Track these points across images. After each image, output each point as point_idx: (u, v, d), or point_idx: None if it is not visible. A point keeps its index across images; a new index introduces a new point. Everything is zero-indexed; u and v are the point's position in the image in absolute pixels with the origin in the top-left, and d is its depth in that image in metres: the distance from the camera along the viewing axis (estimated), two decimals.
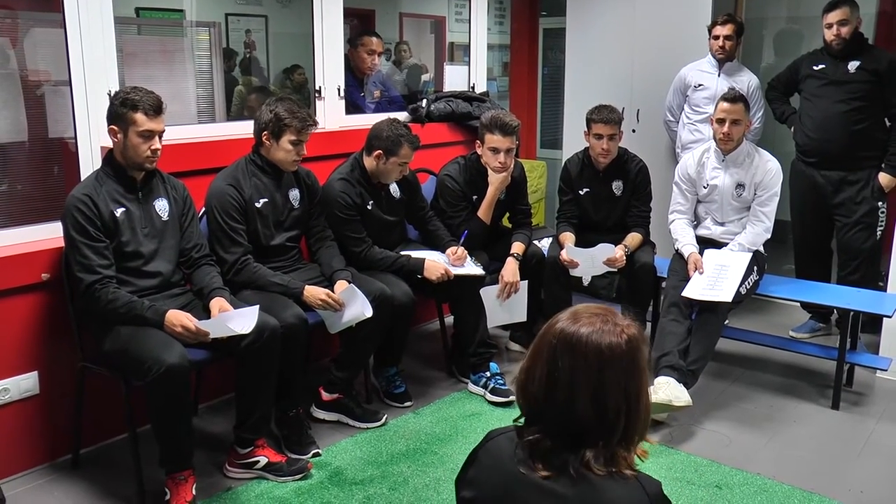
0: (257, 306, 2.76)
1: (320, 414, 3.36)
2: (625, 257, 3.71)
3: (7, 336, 2.85)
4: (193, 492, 2.72)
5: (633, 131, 4.75)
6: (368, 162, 3.44)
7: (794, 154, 4.25)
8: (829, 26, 3.94)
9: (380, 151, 3.40)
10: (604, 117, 3.77)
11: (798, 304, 4.39)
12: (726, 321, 4.33)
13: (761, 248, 3.70)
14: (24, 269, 2.84)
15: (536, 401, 1.45)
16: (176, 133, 3.35)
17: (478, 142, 3.75)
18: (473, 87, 4.74)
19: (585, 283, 4.11)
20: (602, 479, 1.39)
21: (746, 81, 4.29)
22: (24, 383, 2.91)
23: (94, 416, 3.03)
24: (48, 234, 2.97)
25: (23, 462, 2.94)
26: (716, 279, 3.47)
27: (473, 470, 1.53)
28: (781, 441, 3.26)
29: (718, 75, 4.30)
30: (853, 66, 3.93)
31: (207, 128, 3.66)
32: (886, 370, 3.66)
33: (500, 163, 3.67)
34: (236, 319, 2.70)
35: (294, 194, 3.28)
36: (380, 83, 4.82)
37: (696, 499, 2.82)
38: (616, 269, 3.83)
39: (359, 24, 6.86)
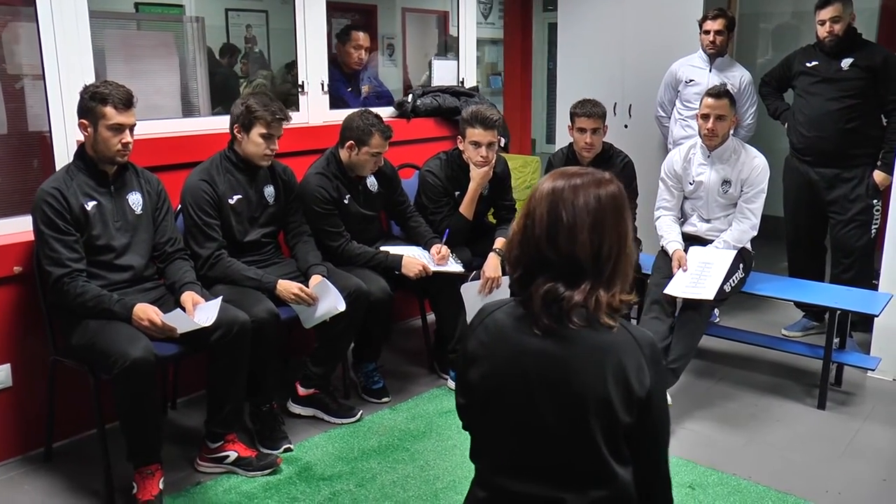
0: (220, 298, 2.75)
1: (296, 409, 3.35)
2: None
3: None
4: (161, 486, 2.71)
5: (626, 126, 4.70)
6: (343, 154, 3.43)
7: (788, 150, 4.19)
8: (822, 23, 3.88)
9: (352, 142, 3.38)
10: (587, 111, 3.72)
11: (792, 303, 4.32)
12: (715, 319, 4.31)
13: (748, 246, 3.64)
14: None
15: (539, 249, 1.52)
16: (160, 127, 3.37)
17: (459, 137, 3.72)
18: (463, 83, 4.71)
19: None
20: (593, 333, 1.49)
21: (738, 77, 4.22)
22: None
23: (67, 409, 3.03)
24: (22, 227, 2.97)
25: None
26: (699, 277, 3.41)
27: (474, 345, 1.59)
28: (762, 441, 3.20)
29: (710, 70, 4.24)
30: (846, 62, 3.85)
31: (191, 122, 3.67)
32: (874, 370, 3.59)
33: (481, 157, 3.64)
34: (199, 312, 2.69)
35: (269, 191, 3.26)
36: (373, 79, 4.80)
37: None
38: None
39: (360, 19, 6.86)
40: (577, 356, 1.49)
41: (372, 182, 3.61)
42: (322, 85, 3.93)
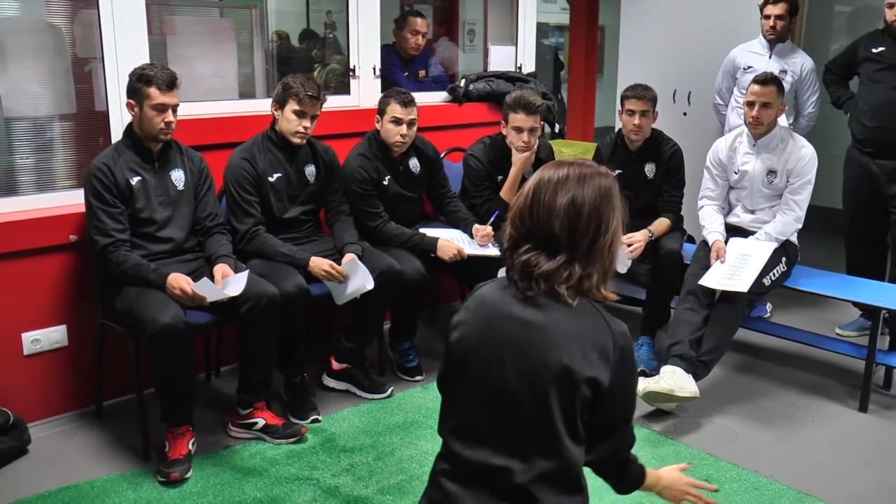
0: (247, 271, 2.90)
1: (330, 382, 3.47)
2: (643, 243, 3.62)
3: (39, 290, 3.10)
4: (190, 446, 2.89)
5: (684, 114, 4.61)
6: (381, 133, 3.52)
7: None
8: (891, 6, 3.69)
9: (377, 115, 3.50)
10: (636, 94, 3.69)
11: (850, 302, 4.15)
12: (765, 314, 4.20)
13: (793, 239, 3.52)
14: (54, 230, 3.08)
15: (523, 220, 1.61)
16: (219, 108, 3.56)
17: (502, 122, 3.74)
18: (520, 68, 4.71)
19: (623, 270, 4.03)
20: (570, 311, 1.56)
21: (800, 64, 4.07)
22: (53, 335, 3.15)
23: (117, 371, 3.24)
24: (81, 200, 3.20)
25: (51, 408, 3.19)
26: (736, 269, 3.34)
27: (460, 314, 1.68)
28: (792, 441, 3.12)
29: (770, 57, 4.10)
30: None
31: (247, 103, 3.83)
32: None
33: (523, 142, 3.66)
34: (227, 283, 2.84)
35: (310, 170, 3.39)
36: (436, 64, 4.87)
37: None
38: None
39: (442, 4, 6.91)
40: (549, 326, 1.56)
41: (414, 164, 3.68)
42: (374, 69, 4.02)
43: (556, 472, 1.56)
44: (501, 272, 3.56)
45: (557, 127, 4.58)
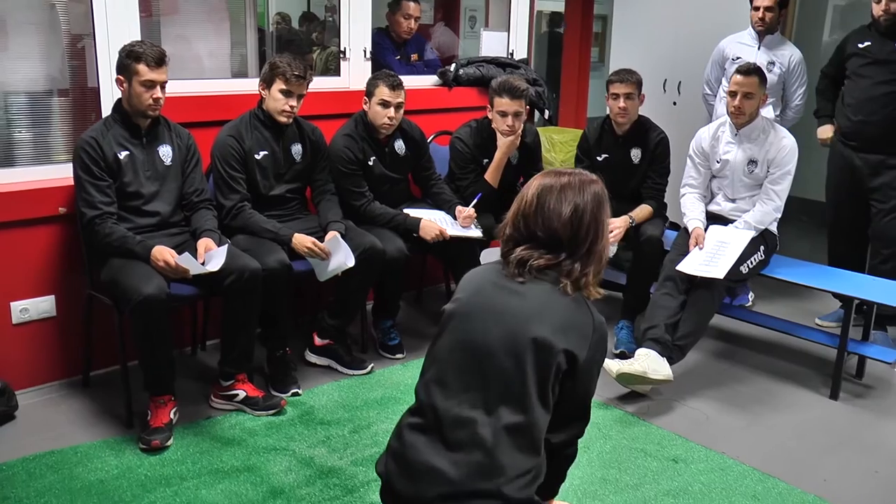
0: (226, 246, 2.96)
1: (312, 358, 3.54)
2: (623, 229, 3.67)
3: (28, 261, 3.16)
4: (172, 416, 2.96)
5: (674, 104, 4.64)
6: (368, 115, 3.57)
7: None
8: (878, 0, 3.71)
9: (365, 97, 3.56)
10: (620, 77, 3.74)
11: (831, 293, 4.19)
12: (747, 302, 4.25)
13: (772, 228, 3.57)
14: (44, 202, 3.14)
15: (528, 226, 1.79)
16: (210, 87, 3.62)
17: (488, 106, 3.79)
18: (512, 54, 4.75)
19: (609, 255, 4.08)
20: (556, 292, 1.75)
21: (788, 56, 4.10)
22: (42, 305, 3.22)
23: (104, 341, 3.30)
24: (70, 173, 3.26)
25: (39, 377, 3.26)
26: (713, 255, 3.39)
27: (457, 291, 1.87)
28: (763, 425, 3.18)
29: (758, 48, 4.13)
30: None
31: (238, 83, 3.88)
32: (891, 363, 3.46)
33: (507, 126, 3.71)
34: (208, 258, 2.91)
35: (297, 149, 3.44)
36: (429, 49, 4.91)
37: (647, 469, 2.82)
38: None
39: None
40: (537, 301, 1.74)
41: (400, 146, 3.73)
42: (365, 51, 4.07)
43: (518, 428, 1.68)
44: (484, 254, 3.66)
45: (547, 113, 4.61)
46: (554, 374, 1.70)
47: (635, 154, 3.90)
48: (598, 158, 3.96)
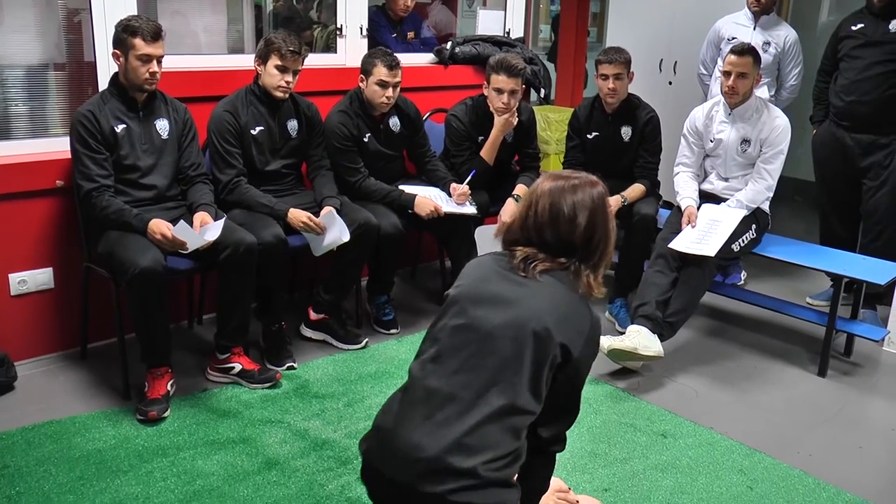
0: (223, 219, 2.99)
1: (307, 332, 3.58)
2: (615, 209, 3.69)
3: (26, 233, 3.19)
4: (168, 387, 3.00)
5: (670, 83, 4.66)
6: (365, 92, 3.59)
7: None
8: None
9: (362, 75, 3.56)
10: (609, 58, 3.76)
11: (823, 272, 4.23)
12: (739, 281, 4.29)
13: (764, 207, 3.60)
14: (42, 175, 3.16)
15: (540, 234, 1.82)
16: (207, 62, 3.63)
17: (484, 83, 3.81)
18: (509, 33, 4.75)
19: None
20: (560, 286, 1.79)
21: (783, 36, 4.12)
22: (40, 277, 3.25)
23: (102, 313, 3.33)
24: (68, 147, 3.28)
25: (38, 349, 3.30)
26: (705, 233, 3.42)
27: (460, 277, 1.91)
28: (750, 401, 3.23)
29: (754, 29, 4.14)
30: (895, 25, 3.70)
31: (234, 58, 3.90)
32: (878, 341, 3.50)
33: (503, 104, 3.72)
34: (204, 230, 2.94)
35: (292, 124, 3.46)
36: (426, 27, 4.91)
37: (635, 443, 2.87)
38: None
39: None
40: (541, 293, 1.78)
41: (395, 122, 3.75)
42: (361, 29, 4.07)
43: (503, 411, 1.71)
44: (477, 231, 3.68)
45: (543, 92, 4.62)
46: (549, 365, 1.74)
47: (625, 132, 3.92)
48: (589, 136, 3.98)
